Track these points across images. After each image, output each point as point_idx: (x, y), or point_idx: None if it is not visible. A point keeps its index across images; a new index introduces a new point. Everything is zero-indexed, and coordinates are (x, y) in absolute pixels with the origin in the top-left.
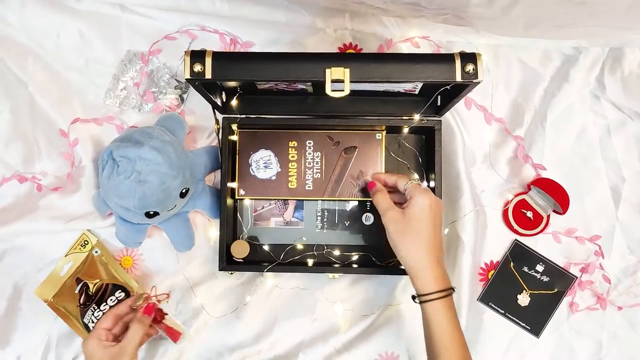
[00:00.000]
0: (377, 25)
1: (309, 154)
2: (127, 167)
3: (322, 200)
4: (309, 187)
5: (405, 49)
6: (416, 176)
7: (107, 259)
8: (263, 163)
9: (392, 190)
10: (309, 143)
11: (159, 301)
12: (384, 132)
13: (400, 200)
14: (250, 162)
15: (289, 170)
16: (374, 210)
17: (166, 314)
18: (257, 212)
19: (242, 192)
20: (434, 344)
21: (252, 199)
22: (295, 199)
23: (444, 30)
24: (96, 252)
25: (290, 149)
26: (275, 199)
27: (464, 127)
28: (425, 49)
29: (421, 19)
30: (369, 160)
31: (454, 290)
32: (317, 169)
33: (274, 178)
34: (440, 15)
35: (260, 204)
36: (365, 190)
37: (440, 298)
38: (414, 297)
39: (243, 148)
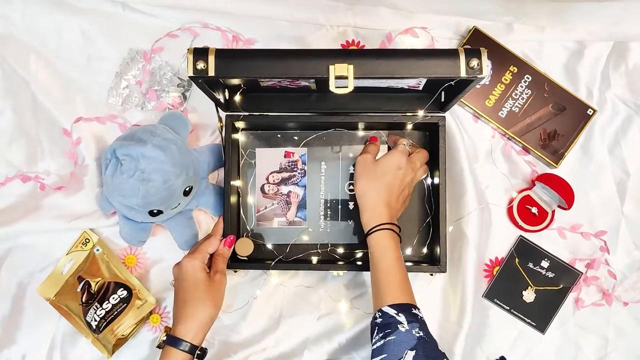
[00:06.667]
0: (379, 20)
1: None
2: (131, 165)
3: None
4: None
5: (406, 40)
6: (408, 141)
7: (108, 257)
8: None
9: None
10: None
11: None
12: None
13: None
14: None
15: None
16: None
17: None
18: (260, 212)
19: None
20: (377, 272)
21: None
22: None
23: (445, 26)
24: (97, 250)
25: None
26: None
27: (468, 123)
28: (423, 38)
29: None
30: None
31: (399, 229)
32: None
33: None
34: None
35: (263, 203)
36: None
37: (384, 229)
38: None
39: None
